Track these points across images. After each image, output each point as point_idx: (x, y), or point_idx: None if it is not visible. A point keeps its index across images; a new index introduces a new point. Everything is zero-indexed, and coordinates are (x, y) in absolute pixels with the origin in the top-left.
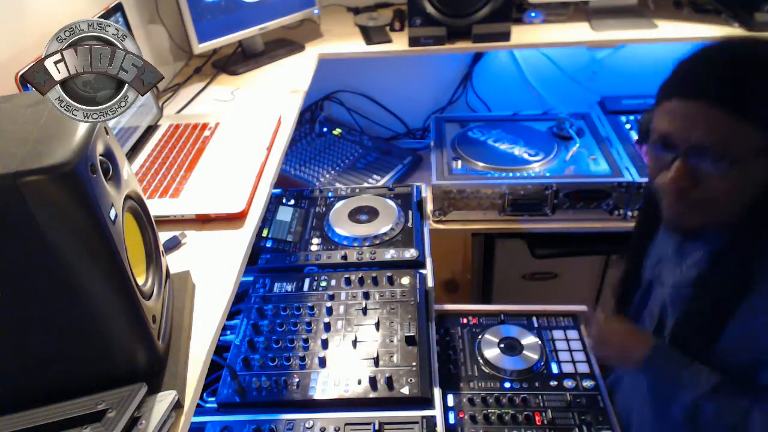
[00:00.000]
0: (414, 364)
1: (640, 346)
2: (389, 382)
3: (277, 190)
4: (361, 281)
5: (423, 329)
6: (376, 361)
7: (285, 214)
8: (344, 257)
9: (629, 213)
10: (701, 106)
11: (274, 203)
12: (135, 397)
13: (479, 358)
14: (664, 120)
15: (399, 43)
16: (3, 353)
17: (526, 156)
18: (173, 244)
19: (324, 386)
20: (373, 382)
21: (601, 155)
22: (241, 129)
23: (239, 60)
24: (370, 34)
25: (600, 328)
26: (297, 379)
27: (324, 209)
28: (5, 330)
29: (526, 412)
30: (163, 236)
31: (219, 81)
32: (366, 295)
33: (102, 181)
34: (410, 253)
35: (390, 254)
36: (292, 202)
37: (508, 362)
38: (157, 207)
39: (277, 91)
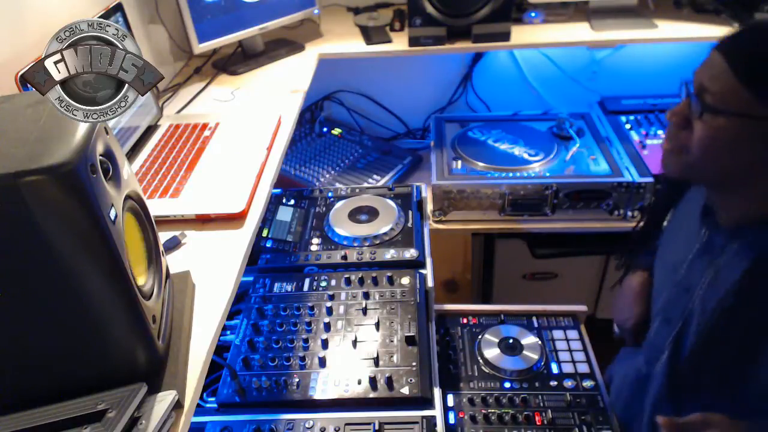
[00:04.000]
0: (414, 364)
1: None
2: (389, 382)
3: (277, 190)
4: (361, 281)
5: (423, 329)
6: (376, 361)
7: (285, 214)
8: (344, 257)
9: (629, 213)
10: (725, 63)
11: (274, 203)
12: (135, 397)
13: (479, 358)
14: (701, 69)
15: (399, 43)
16: (3, 353)
17: (526, 156)
18: (173, 244)
19: (324, 386)
20: (373, 382)
21: (601, 155)
22: (241, 129)
23: (239, 60)
24: (370, 34)
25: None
26: (297, 379)
27: (324, 209)
28: (5, 330)
29: (526, 412)
30: (163, 236)
31: (219, 81)
32: (366, 295)
33: (102, 181)
34: (410, 253)
35: (390, 254)
36: (292, 202)
37: (508, 362)
38: (157, 207)
39: (277, 91)
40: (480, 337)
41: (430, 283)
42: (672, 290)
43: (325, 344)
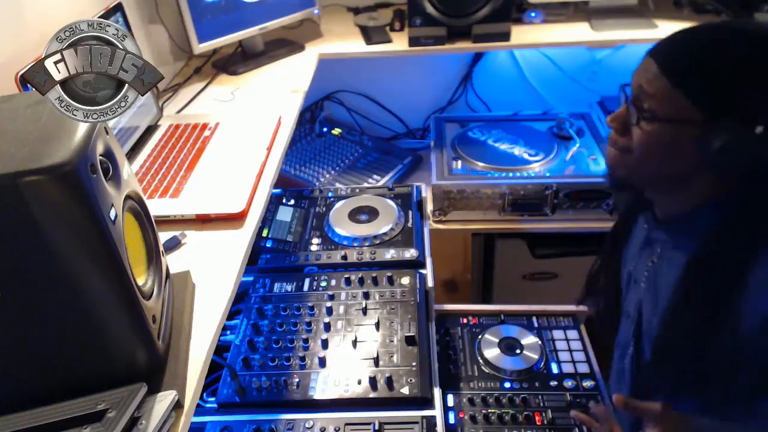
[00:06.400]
0: (414, 364)
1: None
2: (389, 382)
3: (277, 190)
4: (361, 281)
5: (423, 329)
6: (376, 361)
7: (285, 214)
8: (344, 257)
9: None
10: (657, 67)
11: (274, 203)
12: (135, 397)
13: (479, 358)
14: (637, 72)
15: (399, 43)
16: (3, 353)
17: (526, 156)
18: (173, 244)
19: (324, 386)
20: (373, 382)
21: (601, 155)
22: (241, 129)
23: (239, 60)
24: (370, 34)
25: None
26: (297, 379)
27: (324, 209)
28: (5, 330)
29: (526, 412)
30: (163, 236)
31: (219, 81)
32: (366, 295)
33: (102, 181)
34: (410, 253)
35: (390, 254)
36: (292, 202)
37: (508, 362)
38: (157, 207)
39: (277, 91)
40: (480, 337)
41: (430, 283)
42: (626, 284)
43: (325, 344)
